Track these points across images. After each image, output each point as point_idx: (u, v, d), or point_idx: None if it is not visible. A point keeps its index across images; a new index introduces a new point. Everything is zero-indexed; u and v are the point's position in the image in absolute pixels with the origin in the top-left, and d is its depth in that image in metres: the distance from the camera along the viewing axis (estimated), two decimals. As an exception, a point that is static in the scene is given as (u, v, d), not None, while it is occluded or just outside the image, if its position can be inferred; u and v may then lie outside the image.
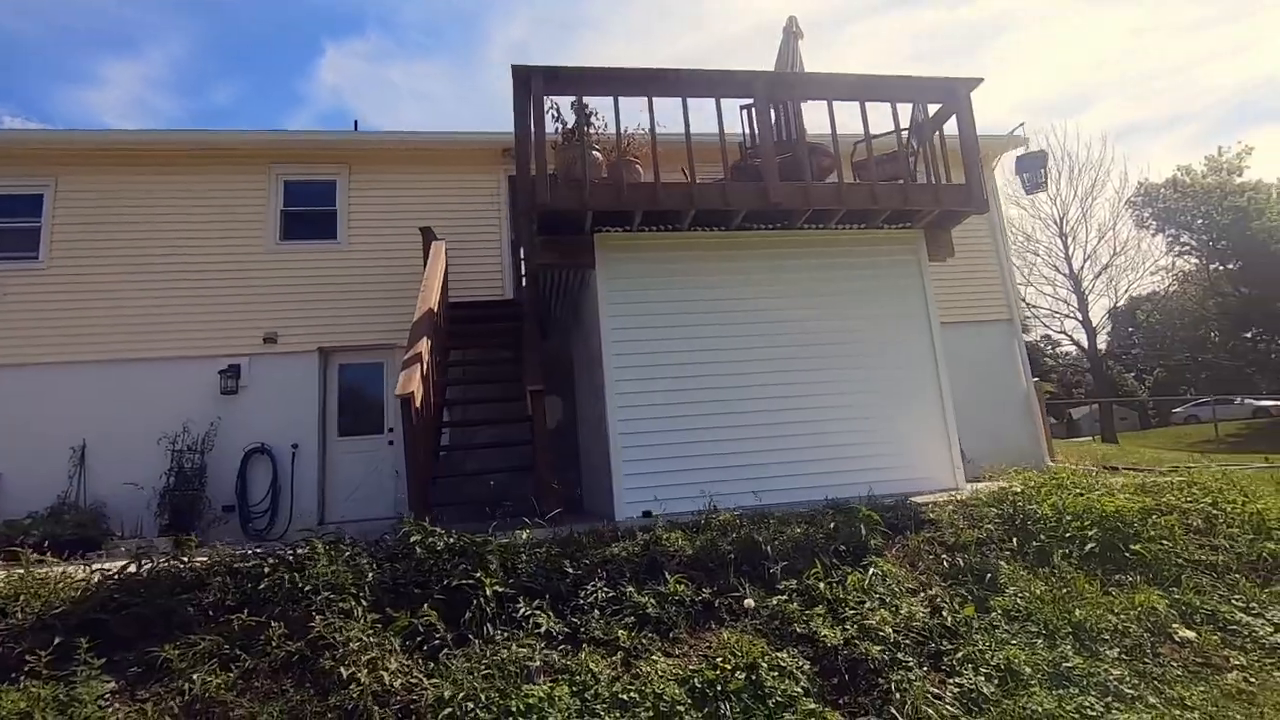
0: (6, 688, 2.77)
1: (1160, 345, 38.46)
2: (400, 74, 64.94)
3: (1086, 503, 4.21)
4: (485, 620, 3.26)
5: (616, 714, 2.78)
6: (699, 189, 5.60)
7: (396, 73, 64.62)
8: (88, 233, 8.70)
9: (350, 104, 68.26)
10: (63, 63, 58.92)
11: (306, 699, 2.83)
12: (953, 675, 2.99)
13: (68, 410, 8.21)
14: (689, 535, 3.94)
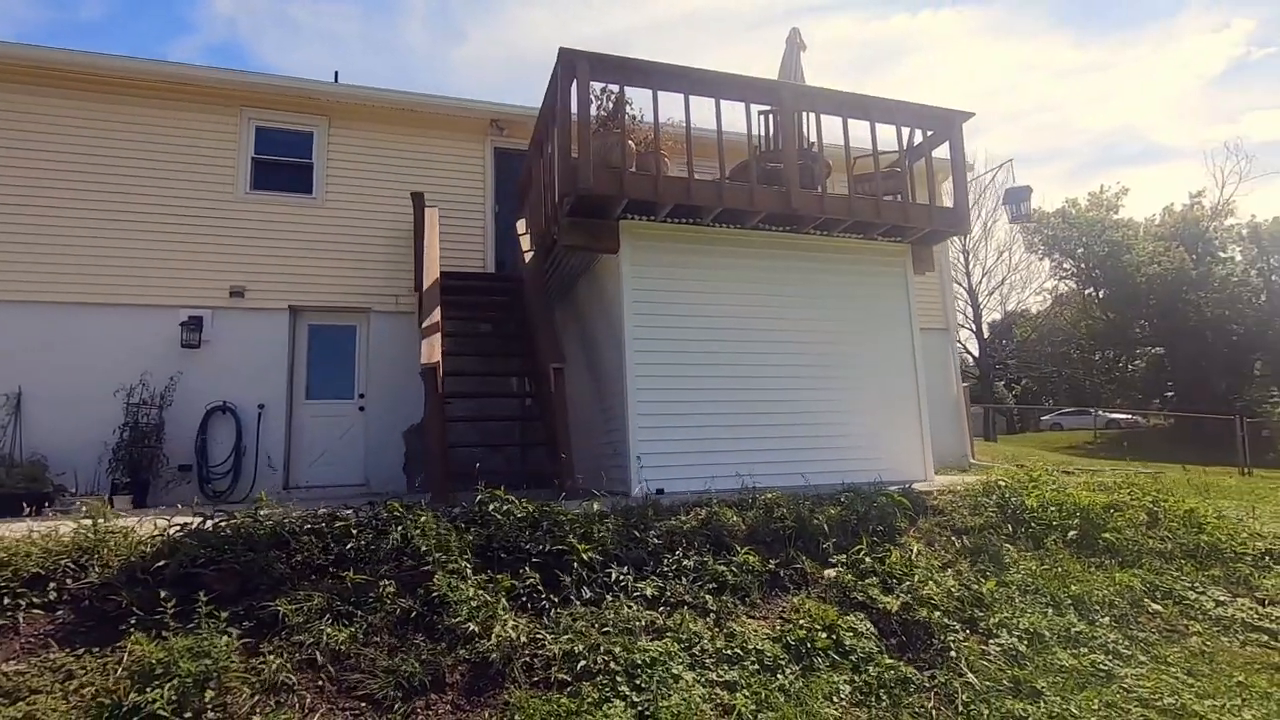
0: (139, 637, 2.76)
1: (1029, 359, 42.57)
2: (305, 12, 59.87)
3: (1062, 497, 4.93)
4: (582, 584, 3.50)
5: (725, 668, 3.12)
6: (728, 188, 5.94)
7: (300, 10, 59.56)
8: (24, 159, 7.93)
9: (246, 39, 62.33)
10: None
11: (438, 652, 2.99)
12: (991, 637, 3.54)
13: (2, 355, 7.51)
14: (740, 512, 4.30)
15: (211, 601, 3.00)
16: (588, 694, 2.82)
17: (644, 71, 5.88)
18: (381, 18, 65.66)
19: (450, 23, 69.20)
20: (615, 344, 6.20)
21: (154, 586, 3.14)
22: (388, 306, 8.95)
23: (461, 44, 71.37)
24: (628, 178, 5.67)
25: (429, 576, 3.32)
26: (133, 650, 2.74)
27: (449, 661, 2.96)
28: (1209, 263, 28.24)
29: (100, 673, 2.70)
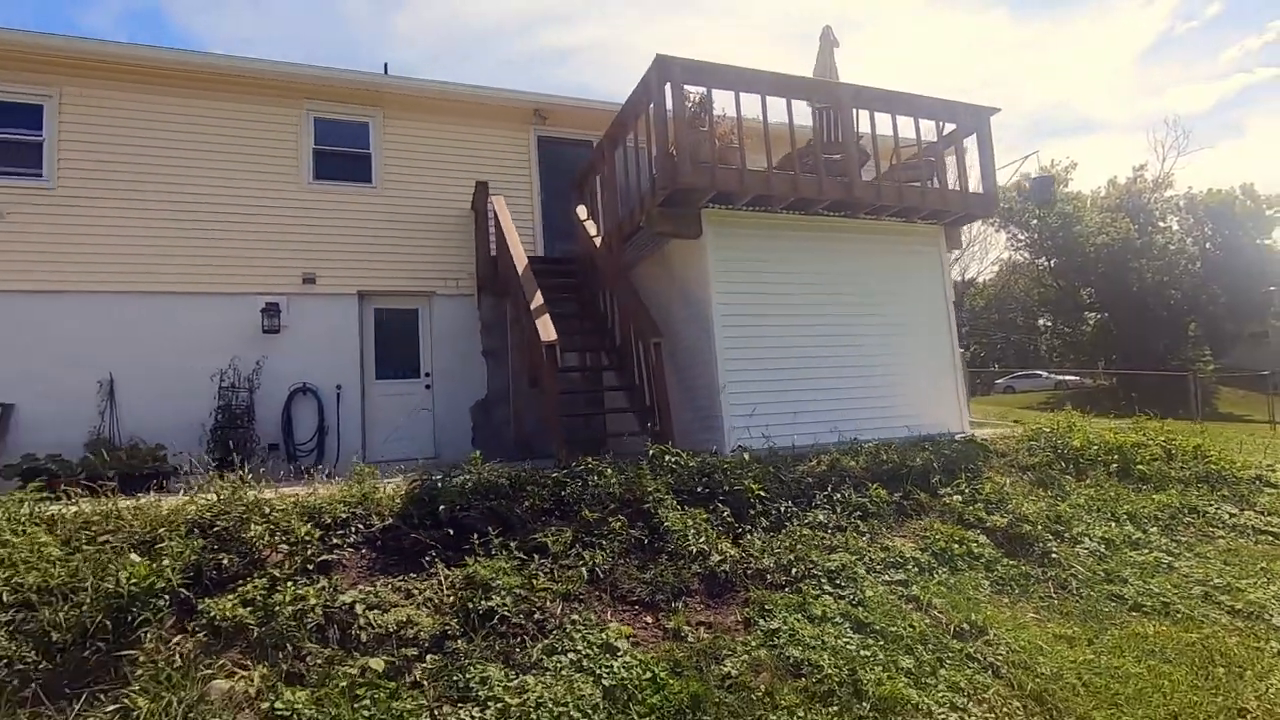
0: (477, 559, 3.45)
1: (979, 325, 44.94)
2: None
3: (1098, 438, 5.95)
4: (760, 515, 4.30)
5: (892, 571, 3.98)
6: (801, 179, 6.71)
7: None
8: (103, 153, 8.13)
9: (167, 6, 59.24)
10: None
11: (676, 568, 3.76)
12: (1077, 543, 4.50)
13: (91, 342, 7.82)
14: (853, 457, 5.16)
15: (486, 536, 3.71)
16: (806, 590, 3.64)
17: (728, 75, 6.57)
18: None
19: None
20: (699, 320, 6.95)
21: (432, 528, 3.82)
22: (449, 290, 9.47)
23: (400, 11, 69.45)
24: (718, 172, 6.39)
25: (647, 513, 4.08)
26: (464, 571, 3.43)
27: (687, 575, 3.74)
28: (1150, 232, 30.34)
29: (432, 590, 3.39)
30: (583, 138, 10.55)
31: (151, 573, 2.99)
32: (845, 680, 2.99)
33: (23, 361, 7.56)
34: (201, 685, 2.70)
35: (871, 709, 2.84)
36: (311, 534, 3.48)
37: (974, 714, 2.87)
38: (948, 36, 65.13)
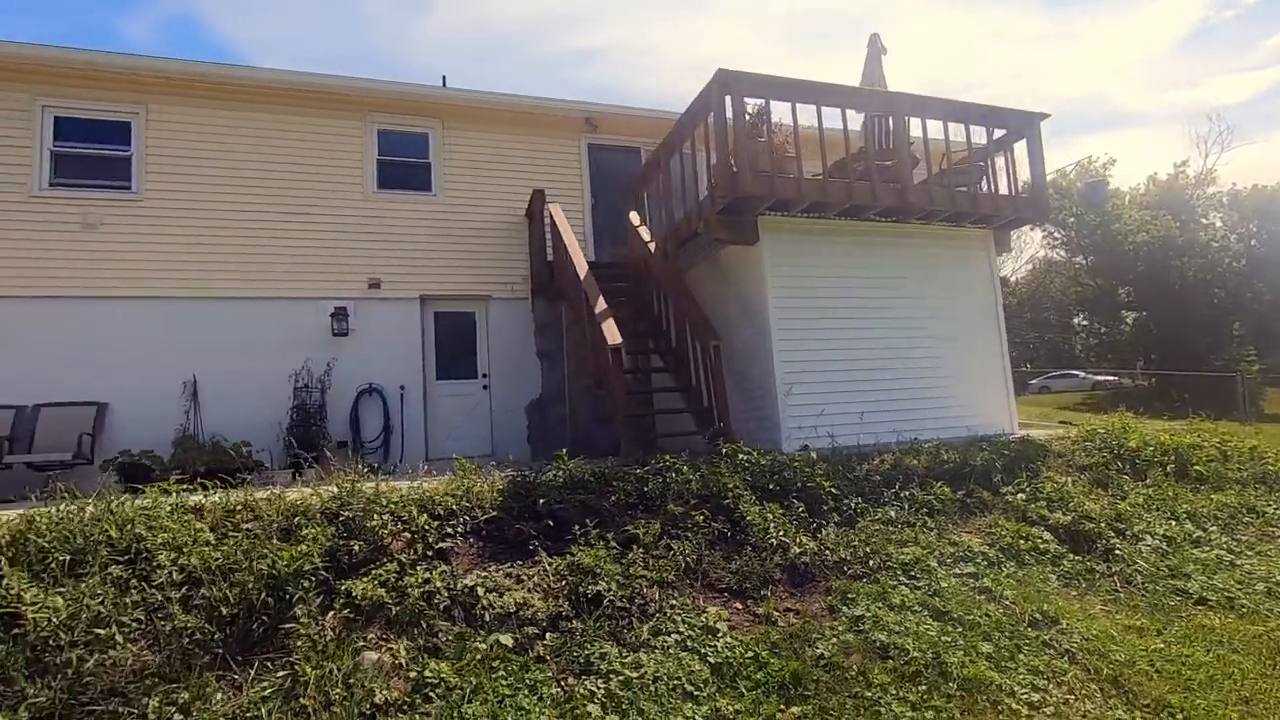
0: (580, 548, 3.75)
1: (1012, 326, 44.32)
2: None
3: (1154, 439, 6.08)
4: (832, 511, 4.54)
5: (961, 564, 4.19)
6: (856, 186, 6.91)
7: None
8: (185, 166, 8.61)
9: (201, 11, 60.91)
10: None
11: (760, 559, 4.01)
12: (1139, 540, 4.67)
13: (175, 344, 8.28)
14: (914, 456, 5.37)
15: (583, 528, 4.00)
16: (884, 581, 3.88)
17: (786, 88, 6.80)
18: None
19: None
20: (754, 323, 7.19)
21: (530, 519, 4.12)
22: (504, 294, 9.82)
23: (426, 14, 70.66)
24: (777, 181, 6.62)
25: (727, 508, 4.34)
26: (567, 559, 3.73)
27: (770, 565, 3.99)
28: (1192, 229, 29.77)
29: (540, 576, 3.69)
30: (630, 145, 10.85)
31: (300, 556, 3.33)
32: (931, 663, 3.22)
33: (114, 363, 8.05)
34: (354, 656, 3.03)
35: (958, 688, 3.07)
36: (430, 524, 3.80)
37: (1054, 695, 3.09)
38: (972, 28, 64.42)
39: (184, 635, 3.00)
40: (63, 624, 2.87)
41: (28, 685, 2.66)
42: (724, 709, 2.86)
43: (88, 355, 7.97)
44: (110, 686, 2.75)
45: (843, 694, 3.00)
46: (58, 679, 2.72)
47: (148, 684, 2.79)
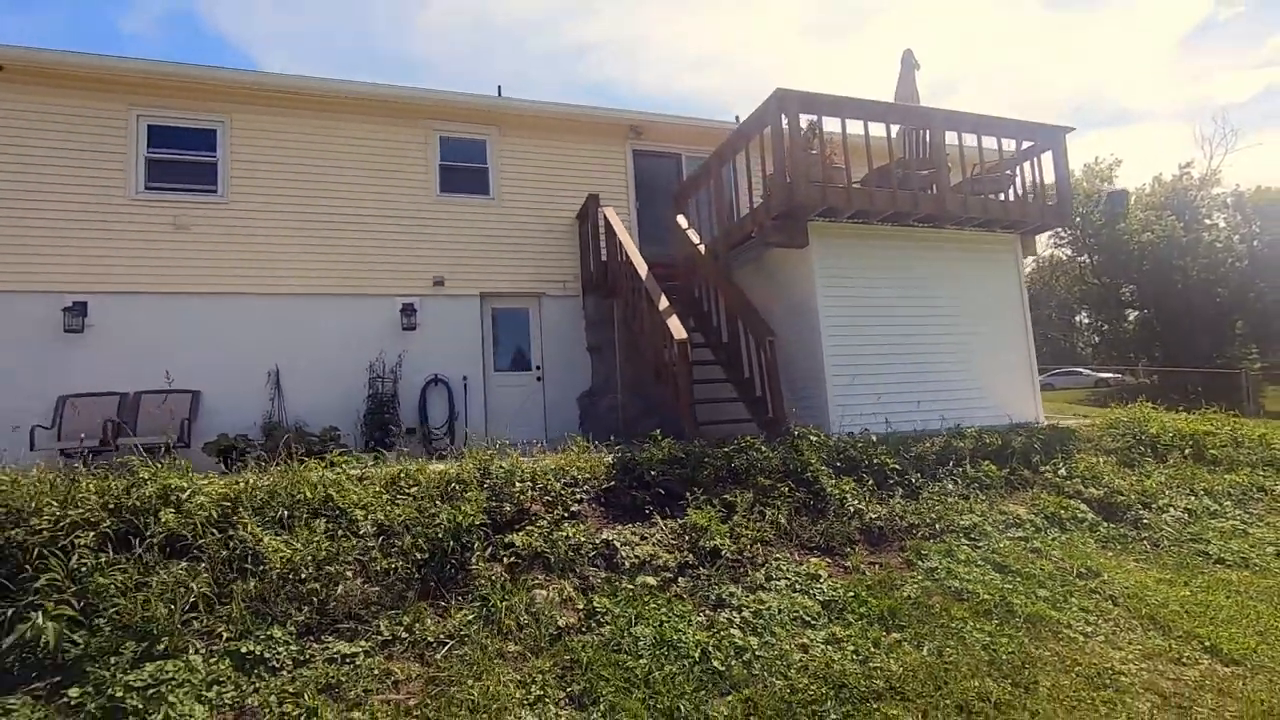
0: (694, 511, 4.40)
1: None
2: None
3: (1172, 427, 6.73)
4: (896, 484, 5.20)
5: (1013, 530, 4.85)
6: (899, 194, 7.55)
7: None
8: (266, 171, 9.24)
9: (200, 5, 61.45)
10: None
11: (841, 524, 4.67)
12: (1163, 512, 5.32)
13: (259, 337, 8.93)
14: (960, 439, 6.02)
15: (688, 496, 4.65)
16: (950, 541, 4.54)
17: (835, 104, 7.43)
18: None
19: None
20: (802, 320, 7.83)
21: (639, 489, 4.78)
22: (557, 291, 10.46)
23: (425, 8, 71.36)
24: (829, 190, 7.27)
25: (807, 481, 4.99)
26: (679, 521, 4.39)
27: (850, 529, 4.65)
28: (1196, 230, 30.38)
29: (660, 534, 4.34)
30: (671, 151, 11.49)
31: (470, 514, 3.98)
32: (999, 603, 3.88)
33: (205, 355, 8.69)
34: (528, 592, 3.69)
35: (1024, 622, 3.73)
36: (565, 491, 4.45)
37: (1103, 628, 3.74)
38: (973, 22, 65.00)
39: (390, 574, 3.65)
40: (299, 563, 3.52)
41: (289, 606, 3.31)
42: (837, 633, 3.52)
43: (181, 347, 8.60)
44: (347, 611, 3.40)
45: (931, 624, 3.66)
46: (305, 606, 3.37)
47: (373, 610, 3.45)
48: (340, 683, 2.97)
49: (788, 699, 2.99)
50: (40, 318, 8.15)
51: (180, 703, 2.70)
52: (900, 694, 3.07)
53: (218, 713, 2.74)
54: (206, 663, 2.94)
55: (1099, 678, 3.28)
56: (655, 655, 3.23)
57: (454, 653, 3.21)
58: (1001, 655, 3.41)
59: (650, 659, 3.20)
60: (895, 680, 3.16)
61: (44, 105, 8.50)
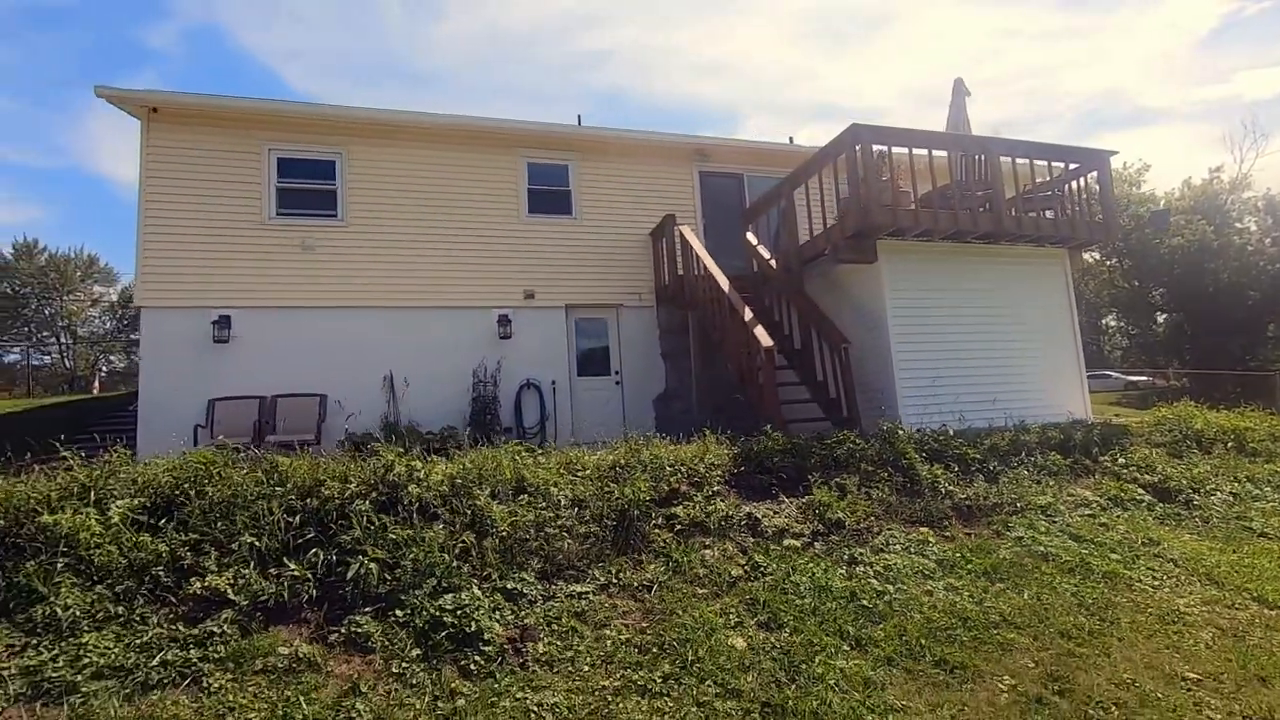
0: (818, 491, 5.30)
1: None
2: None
3: (1216, 422, 7.51)
4: (977, 471, 6.05)
5: (1080, 510, 5.69)
6: (962, 215, 8.40)
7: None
8: (378, 197, 10.31)
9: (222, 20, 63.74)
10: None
11: (935, 502, 5.54)
12: (1211, 495, 6.12)
13: (376, 346, 9.97)
14: (1026, 433, 6.86)
15: (805, 479, 5.54)
16: (1030, 517, 5.39)
17: (903, 135, 8.32)
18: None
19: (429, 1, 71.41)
20: (872, 327, 8.70)
21: (761, 474, 5.68)
22: (633, 302, 11.41)
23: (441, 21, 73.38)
24: (899, 213, 8.15)
25: (904, 468, 5.87)
26: (802, 499, 5.29)
27: (945, 507, 5.51)
28: (1227, 233, 30.70)
29: (788, 509, 5.24)
30: (734, 172, 12.42)
31: (641, 490, 4.91)
32: (1078, 564, 4.73)
33: (329, 362, 9.74)
34: (698, 552, 4.61)
35: (1101, 577, 4.58)
36: (709, 473, 5.38)
37: (1168, 582, 4.58)
38: (983, 26, 65.46)
39: (589, 536, 4.59)
40: (521, 525, 4.47)
41: (525, 558, 4.26)
42: (953, 583, 4.40)
43: (309, 355, 9.67)
44: (566, 562, 4.34)
45: (1026, 578, 4.52)
46: (535, 558, 4.32)
47: (585, 562, 4.38)
48: (583, 611, 3.91)
49: (927, 626, 3.88)
50: (194, 331, 9.26)
51: (481, 620, 3.65)
52: (1013, 624, 3.95)
53: (507, 628, 3.69)
54: (485, 595, 3.89)
55: (1168, 616, 4.13)
56: (815, 595, 4.14)
57: (658, 593, 4.14)
58: (1087, 600, 4.27)
59: (812, 598, 4.11)
60: (1006, 615, 4.04)
61: (191, 142, 9.62)
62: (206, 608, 3.70)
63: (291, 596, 3.79)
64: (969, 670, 3.51)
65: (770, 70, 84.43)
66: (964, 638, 3.79)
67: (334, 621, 3.70)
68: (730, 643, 3.65)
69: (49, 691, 3.10)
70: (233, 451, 4.98)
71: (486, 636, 3.56)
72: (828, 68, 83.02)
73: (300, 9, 63.34)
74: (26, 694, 3.09)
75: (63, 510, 4.06)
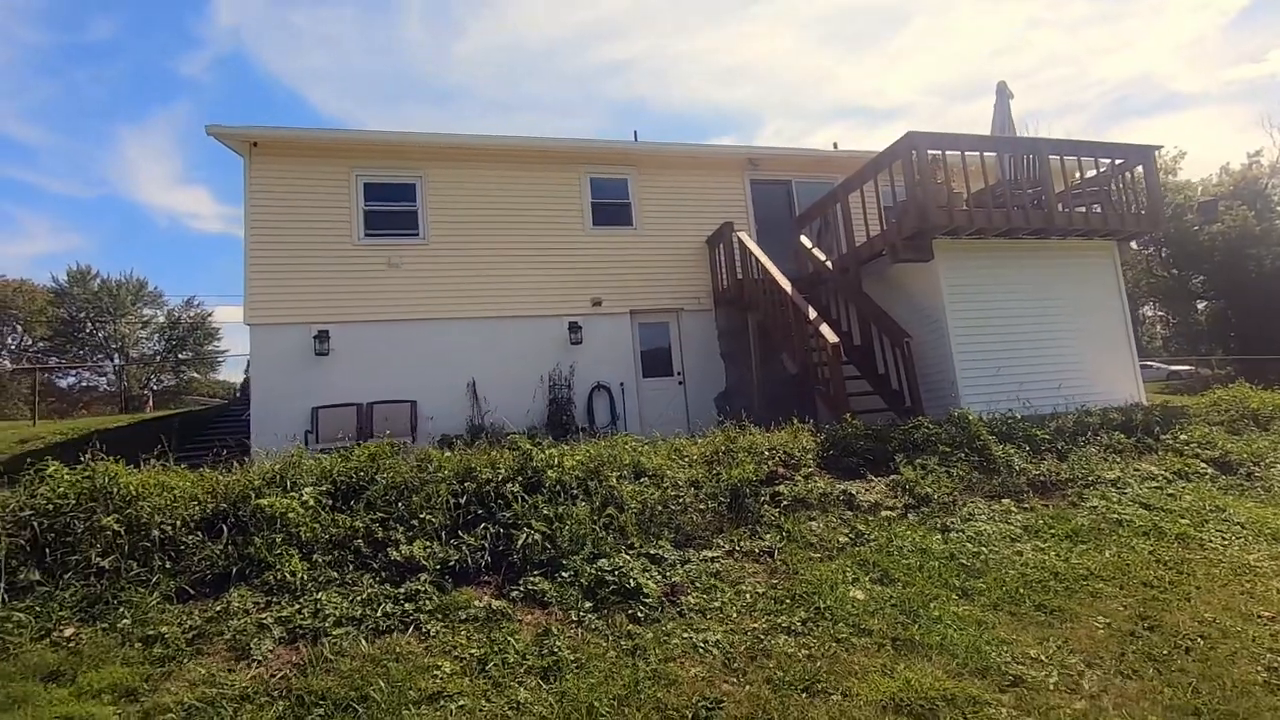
0: (904, 469, 5.86)
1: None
2: (304, 18, 64.08)
3: (1271, 401, 7.88)
4: (1047, 450, 6.54)
5: (1148, 482, 6.14)
6: (1015, 213, 8.88)
7: (300, 16, 63.76)
8: (455, 215, 11.08)
9: (250, 47, 65.99)
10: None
11: (1012, 477, 6.04)
12: (1271, 467, 6.53)
13: (458, 354, 10.71)
14: (1091, 415, 7.31)
15: (889, 460, 6.09)
16: (1101, 490, 5.87)
17: (956, 140, 8.83)
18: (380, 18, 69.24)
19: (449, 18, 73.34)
20: (930, 323, 9.20)
21: (845, 456, 6.24)
22: (692, 306, 12.03)
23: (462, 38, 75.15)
24: (955, 213, 8.65)
25: (979, 448, 6.38)
26: (888, 478, 5.84)
27: (1020, 482, 6.02)
28: (1270, 218, 30.38)
29: (877, 487, 5.79)
30: (783, 179, 12.99)
31: (749, 471, 5.51)
32: (1151, 528, 5.22)
33: (417, 370, 10.51)
34: (804, 523, 5.19)
35: (1174, 539, 5.06)
36: (803, 456, 5.96)
37: (1236, 542, 5.04)
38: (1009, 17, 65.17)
39: (707, 512, 5.20)
40: (648, 504, 5.10)
41: (658, 530, 4.88)
42: (1039, 545, 4.92)
43: (399, 364, 10.45)
44: (692, 534, 4.96)
45: (1104, 540, 5.02)
46: (666, 530, 4.94)
47: (707, 534, 4.99)
48: (718, 571, 4.51)
49: (1022, 579, 4.41)
50: (297, 345, 10.08)
51: (637, 578, 4.28)
52: (1098, 577, 4.46)
53: (660, 585, 4.30)
54: (633, 559, 4.52)
55: (1239, 569, 4.60)
56: (917, 556, 4.69)
57: (779, 557, 4.73)
58: (1164, 557, 4.76)
59: (915, 558, 4.66)
60: (1092, 570, 4.55)
61: (290, 171, 10.49)
62: (403, 572, 4.38)
63: (472, 563, 4.46)
64: (1066, 613, 4.04)
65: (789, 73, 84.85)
66: (1057, 588, 4.32)
67: (510, 582, 4.36)
68: (851, 594, 4.23)
69: (303, 636, 3.79)
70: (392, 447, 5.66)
71: (645, 591, 4.18)
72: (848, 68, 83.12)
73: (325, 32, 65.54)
74: (286, 638, 3.78)
75: (266, 495, 4.79)
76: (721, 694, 3.28)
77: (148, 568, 4.24)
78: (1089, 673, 3.44)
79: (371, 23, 68.26)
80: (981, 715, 3.09)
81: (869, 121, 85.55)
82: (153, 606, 3.97)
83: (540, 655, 3.62)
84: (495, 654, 3.62)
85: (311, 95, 71.82)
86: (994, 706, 3.16)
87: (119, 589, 4.07)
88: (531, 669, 3.52)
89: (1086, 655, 3.60)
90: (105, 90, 61.00)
